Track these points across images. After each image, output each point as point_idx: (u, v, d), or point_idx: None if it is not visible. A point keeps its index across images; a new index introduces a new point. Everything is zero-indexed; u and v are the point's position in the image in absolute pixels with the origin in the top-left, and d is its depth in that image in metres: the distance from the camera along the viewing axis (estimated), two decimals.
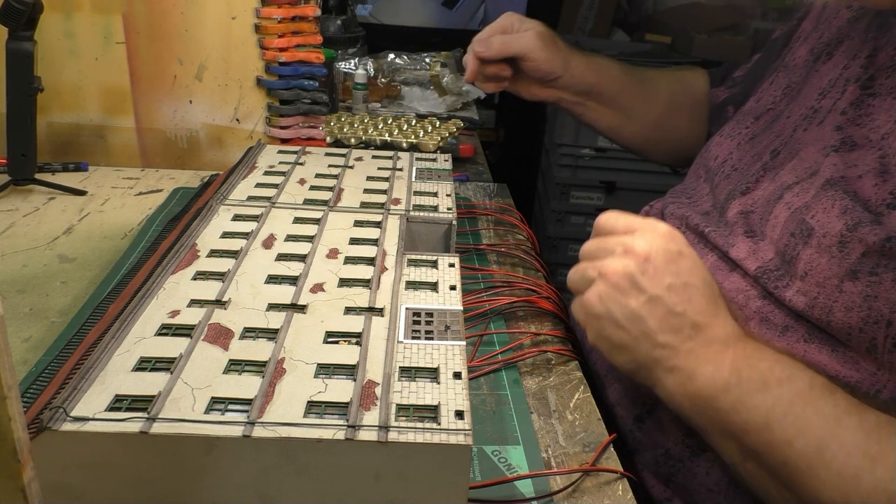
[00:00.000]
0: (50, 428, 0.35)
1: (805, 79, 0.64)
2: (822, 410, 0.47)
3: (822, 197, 0.52)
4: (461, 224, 0.80)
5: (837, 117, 0.56)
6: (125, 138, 0.91)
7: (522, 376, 0.56)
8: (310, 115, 0.92)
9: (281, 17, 0.86)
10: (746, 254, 0.57)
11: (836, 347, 0.50)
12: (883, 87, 0.54)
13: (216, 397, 0.38)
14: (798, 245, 0.52)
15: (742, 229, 0.59)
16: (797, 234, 0.53)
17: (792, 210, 0.54)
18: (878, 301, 0.47)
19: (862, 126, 0.54)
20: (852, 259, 0.49)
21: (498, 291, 0.66)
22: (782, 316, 0.53)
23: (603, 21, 2.37)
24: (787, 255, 0.53)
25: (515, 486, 0.45)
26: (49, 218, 0.78)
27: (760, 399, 0.48)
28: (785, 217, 0.55)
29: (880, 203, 0.49)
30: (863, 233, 0.48)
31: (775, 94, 0.68)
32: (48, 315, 0.60)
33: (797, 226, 0.53)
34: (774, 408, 0.47)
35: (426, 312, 0.48)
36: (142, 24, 0.85)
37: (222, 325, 0.45)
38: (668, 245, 0.52)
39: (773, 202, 0.57)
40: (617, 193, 2.03)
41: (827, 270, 0.50)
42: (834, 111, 0.57)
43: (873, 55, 0.56)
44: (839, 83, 0.58)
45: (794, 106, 0.63)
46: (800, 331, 0.52)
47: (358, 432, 0.36)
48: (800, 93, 0.63)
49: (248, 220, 0.60)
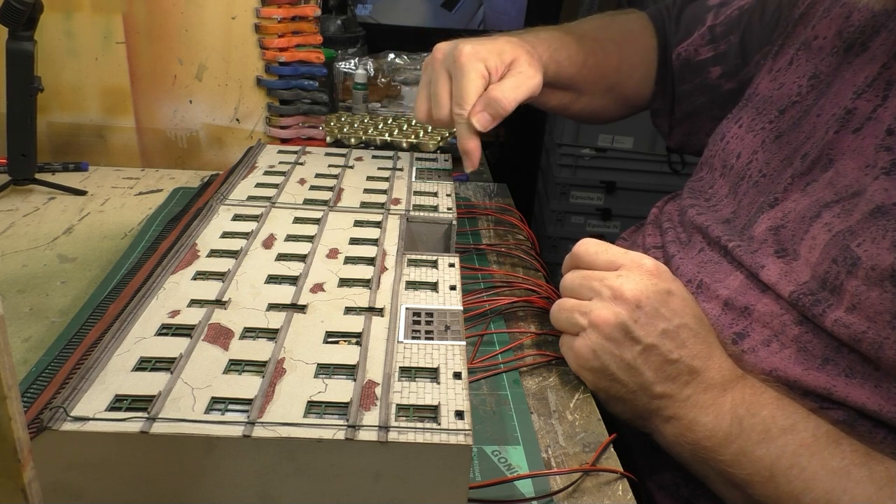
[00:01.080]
0: (50, 428, 0.35)
1: (836, 71, 0.58)
2: (830, 463, 0.45)
3: (871, 225, 0.48)
4: (461, 224, 0.80)
5: (884, 135, 0.51)
6: (125, 138, 0.91)
7: (522, 376, 0.56)
8: (310, 115, 0.92)
9: (281, 17, 0.86)
10: (779, 276, 0.52)
11: (879, 383, 0.47)
12: None
13: (216, 397, 0.38)
14: (841, 273, 0.48)
15: (772, 248, 0.54)
16: (840, 261, 0.49)
17: (833, 233, 0.50)
18: None
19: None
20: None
21: (498, 291, 0.66)
22: (821, 347, 0.50)
23: None
24: (829, 283, 0.49)
25: (515, 486, 0.45)
26: (49, 218, 0.78)
27: (764, 450, 0.46)
28: (825, 240, 0.50)
29: None
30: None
31: (800, 84, 0.61)
32: (48, 315, 0.60)
33: (840, 252, 0.49)
34: (779, 459, 0.46)
35: (426, 312, 0.48)
36: (142, 24, 0.85)
37: (222, 325, 0.45)
38: (657, 285, 0.50)
39: (808, 220, 0.52)
40: (617, 193, 2.03)
41: (878, 305, 0.46)
42: (876, 120, 0.52)
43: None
44: (878, 84, 0.53)
45: (824, 102, 0.57)
46: (841, 364, 0.48)
47: (358, 432, 0.36)
48: (830, 87, 0.58)
49: (248, 220, 0.60)
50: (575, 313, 0.52)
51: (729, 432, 0.48)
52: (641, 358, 0.50)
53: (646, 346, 0.49)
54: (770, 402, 0.48)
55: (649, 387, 0.50)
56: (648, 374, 0.50)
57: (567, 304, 0.53)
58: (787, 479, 0.45)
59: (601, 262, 0.53)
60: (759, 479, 0.46)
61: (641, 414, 0.52)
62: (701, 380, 0.50)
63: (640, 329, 0.49)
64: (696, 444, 0.50)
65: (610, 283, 0.51)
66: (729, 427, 0.48)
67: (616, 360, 0.50)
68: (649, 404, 0.51)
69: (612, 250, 0.53)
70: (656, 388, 0.50)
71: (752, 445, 0.47)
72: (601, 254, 0.53)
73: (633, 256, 0.52)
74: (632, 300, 0.49)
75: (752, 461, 0.47)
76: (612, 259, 0.53)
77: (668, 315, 0.50)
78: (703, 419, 0.49)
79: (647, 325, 0.49)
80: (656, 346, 0.49)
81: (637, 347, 0.50)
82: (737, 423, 0.48)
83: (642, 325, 0.49)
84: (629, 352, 0.50)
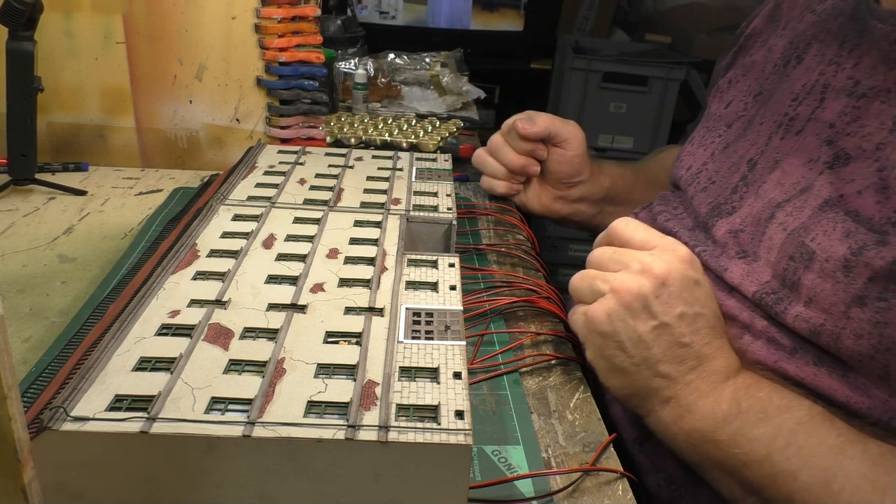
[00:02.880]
0: (50, 428, 0.35)
1: (776, 84, 0.62)
2: (826, 440, 0.45)
3: (822, 219, 0.50)
4: (461, 224, 0.80)
5: (825, 130, 0.53)
6: (125, 138, 0.91)
7: (522, 376, 0.56)
8: (310, 115, 0.92)
9: (281, 17, 0.86)
10: (742, 277, 0.54)
11: (846, 373, 0.48)
12: (871, 92, 0.51)
13: (216, 397, 0.38)
14: (798, 269, 0.50)
15: (733, 250, 0.56)
16: (797, 257, 0.50)
17: (788, 232, 0.52)
18: (889, 327, 0.44)
19: (853, 135, 0.51)
20: (859, 284, 0.46)
21: (498, 291, 0.66)
22: (789, 339, 0.51)
23: (603, 21, 2.37)
24: (788, 280, 0.51)
25: (515, 486, 0.45)
26: (49, 218, 0.78)
27: (761, 430, 0.47)
28: (781, 239, 0.52)
29: (885, 221, 0.46)
30: (868, 256, 0.46)
31: (745, 100, 0.65)
32: (48, 315, 0.60)
33: (796, 249, 0.51)
34: (776, 438, 0.46)
35: (426, 312, 0.48)
36: (142, 24, 0.85)
37: (222, 324, 0.45)
38: (686, 271, 0.50)
39: (764, 221, 0.54)
40: None
41: (832, 296, 0.47)
42: (815, 121, 0.54)
43: (858, 62, 0.53)
44: (816, 90, 0.56)
45: (765, 112, 0.61)
46: (809, 353, 0.49)
47: (358, 432, 0.36)
48: (771, 98, 0.61)
49: (248, 220, 0.60)
50: (597, 280, 0.52)
51: (728, 413, 0.48)
52: (654, 334, 0.50)
53: (661, 323, 0.49)
54: (767, 386, 0.49)
55: (654, 364, 0.50)
56: (657, 350, 0.50)
57: (591, 273, 0.53)
58: (784, 457, 0.46)
59: (637, 240, 0.53)
60: (755, 458, 0.47)
61: (639, 392, 0.52)
62: (706, 367, 0.50)
63: (660, 305, 0.49)
64: (692, 429, 0.50)
65: (640, 258, 0.51)
66: (728, 409, 0.49)
67: (628, 329, 0.50)
68: (650, 381, 0.51)
69: (650, 231, 0.54)
70: (661, 366, 0.50)
71: (749, 426, 0.47)
72: (639, 232, 0.53)
73: (671, 241, 0.53)
74: (659, 276, 0.50)
75: (750, 440, 0.47)
76: (648, 238, 0.53)
77: (691, 301, 0.50)
78: (701, 403, 0.49)
79: (667, 304, 0.49)
80: (671, 325, 0.49)
81: (652, 322, 0.49)
82: (735, 405, 0.48)
83: (663, 302, 0.49)
84: (643, 324, 0.50)
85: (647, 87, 1.99)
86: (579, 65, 1.99)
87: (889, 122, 0.49)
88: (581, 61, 1.99)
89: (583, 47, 2.10)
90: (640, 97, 2.00)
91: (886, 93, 0.50)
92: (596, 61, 1.99)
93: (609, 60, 2.00)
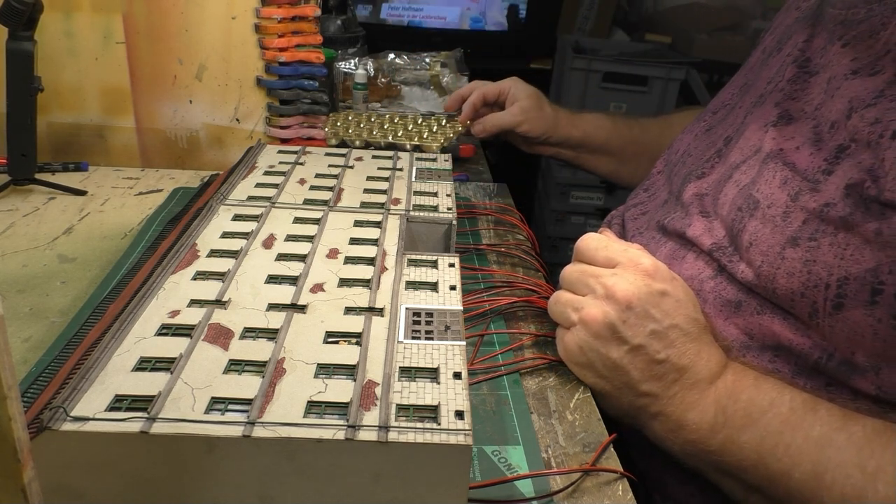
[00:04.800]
0: (50, 428, 0.35)
1: (758, 73, 0.65)
2: (810, 433, 0.46)
3: (765, 170, 0.53)
4: (461, 224, 0.80)
5: (777, 95, 0.58)
6: (125, 138, 0.91)
7: (522, 376, 0.56)
8: (310, 115, 0.92)
9: (281, 17, 0.86)
10: (701, 231, 0.57)
11: (785, 316, 0.50)
12: (818, 66, 0.55)
13: (216, 397, 0.38)
14: (745, 218, 0.53)
15: (697, 209, 0.59)
16: (744, 208, 0.53)
17: (740, 187, 0.55)
18: (817, 265, 0.47)
19: (798, 100, 0.55)
20: (794, 227, 0.49)
21: (498, 291, 0.66)
22: (734, 291, 0.53)
23: (603, 21, 2.37)
24: (735, 230, 0.53)
25: (515, 486, 0.45)
26: (49, 218, 0.78)
27: (748, 435, 0.48)
28: (734, 194, 0.55)
29: (816, 171, 0.50)
30: (803, 201, 0.49)
31: (732, 91, 0.70)
32: (48, 315, 0.60)
33: (744, 200, 0.54)
34: (763, 441, 0.47)
35: (426, 312, 0.48)
36: (142, 24, 0.85)
37: (222, 325, 0.45)
38: (651, 286, 0.51)
39: (723, 182, 0.58)
40: (616, 193, 2.03)
41: (770, 239, 0.50)
42: (776, 91, 0.58)
43: (810, 39, 0.58)
44: (782, 69, 0.59)
45: (746, 98, 0.64)
46: (752, 303, 0.52)
47: (358, 432, 0.36)
48: (753, 86, 0.65)
49: (248, 220, 0.60)
50: (568, 308, 0.53)
51: (714, 423, 0.49)
52: (628, 358, 0.51)
53: (633, 346, 0.50)
54: (749, 386, 0.50)
55: (634, 385, 0.51)
56: (634, 373, 0.51)
57: (563, 297, 0.54)
58: (774, 458, 0.46)
59: (600, 259, 0.54)
60: (748, 464, 0.48)
61: (628, 411, 0.53)
62: (688, 377, 0.51)
63: (629, 329, 0.50)
64: (684, 441, 0.51)
65: (604, 282, 0.52)
66: (713, 418, 0.49)
67: (602, 358, 0.51)
68: (635, 402, 0.52)
69: (611, 247, 0.54)
70: (642, 386, 0.51)
71: (736, 432, 0.48)
72: (601, 250, 0.54)
73: (632, 255, 0.53)
74: (622, 300, 0.50)
75: (740, 447, 0.48)
76: (610, 256, 0.54)
77: (659, 316, 0.50)
78: (689, 416, 0.50)
79: (635, 326, 0.50)
80: (644, 346, 0.50)
81: (624, 347, 0.50)
82: (720, 412, 0.49)
83: (630, 326, 0.50)
84: (616, 351, 0.51)
85: (647, 87, 1.99)
86: (579, 65, 1.99)
87: (831, 91, 0.52)
88: (581, 61, 1.99)
89: (583, 47, 2.10)
90: (640, 97, 2.00)
91: (830, 67, 0.54)
92: (596, 61, 1.99)
93: (609, 60, 2.00)
